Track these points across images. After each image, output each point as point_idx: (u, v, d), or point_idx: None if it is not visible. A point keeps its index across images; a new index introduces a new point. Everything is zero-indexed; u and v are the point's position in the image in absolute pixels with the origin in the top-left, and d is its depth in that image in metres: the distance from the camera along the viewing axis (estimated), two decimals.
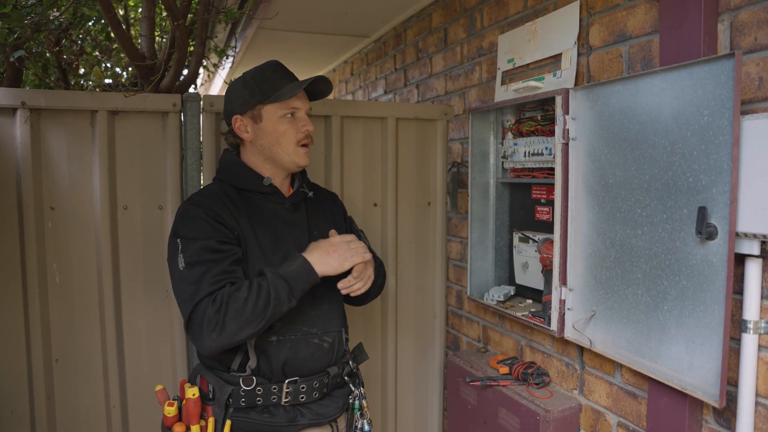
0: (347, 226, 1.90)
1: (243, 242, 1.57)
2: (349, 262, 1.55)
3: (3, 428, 2.03)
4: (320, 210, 1.80)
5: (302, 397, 1.59)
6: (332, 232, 1.66)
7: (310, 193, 1.77)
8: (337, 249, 1.55)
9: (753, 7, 1.32)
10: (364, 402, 1.73)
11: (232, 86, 1.67)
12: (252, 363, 1.55)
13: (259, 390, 1.55)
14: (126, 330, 2.17)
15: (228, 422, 1.52)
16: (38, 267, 2.02)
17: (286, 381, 1.57)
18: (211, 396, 1.57)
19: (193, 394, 1.53)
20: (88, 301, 2.11)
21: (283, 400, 1.57)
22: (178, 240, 1.51)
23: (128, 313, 2.17)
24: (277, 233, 1.63)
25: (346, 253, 1.55)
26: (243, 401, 1.54)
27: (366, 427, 1.72)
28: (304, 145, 1.67)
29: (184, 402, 1.55)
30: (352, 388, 1.72)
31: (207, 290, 1.44)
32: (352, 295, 1.61)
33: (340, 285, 1.58)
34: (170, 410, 1.54)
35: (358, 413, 1.71)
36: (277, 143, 1.63)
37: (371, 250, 1.89)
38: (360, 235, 1.87)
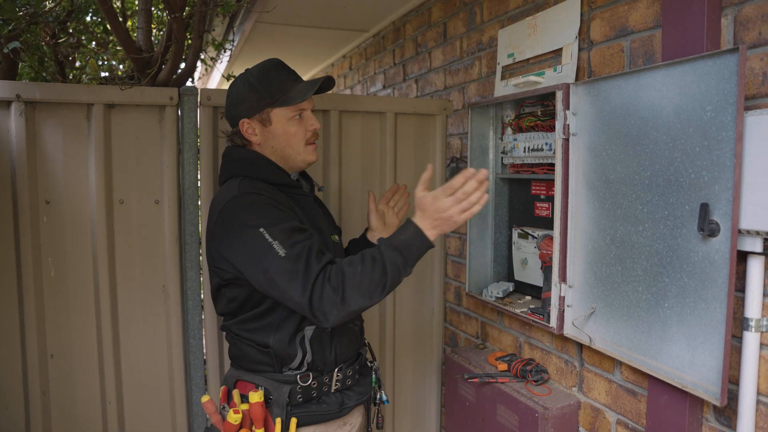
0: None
1: None
2: (462, 216, 1.47)
3: None
4: (320, 204, 1.84)
5: (349, 381, 1.67)
6: (429, 167, 1.58)
7: (321, 188, 1.83)
8: (443, 207, 1.46)
9: (757, 2, 1.30)
10: (379, 373, 1.84)
11: (235, 88, 1.64)
12: (309, 358, 1.58)
13: (314, 384, 1.59)
14: (122, 325, 2.15)
15: (293, 420, 1.54)
16: (33, 261, 2.00)
17: (336, 369, 1.63)
18: (266, 399, 1.56)
19: (260, 398, 1.50)
20: (83, 296, 2.10)
21: (333, 387, 1.63)
22: (261, 230, 1.43)
23: (124, 307, 2.15)
24: (316, 225, 1.65)
25: (452, 210, 1.46)
26: (300, 397, 1.58)
27: (384, 397, 1.82)
28: (311, 143, 1.69)
29: (242, 407, 1.51)
30: (370, 364, 1.80)
31: (323, 262, 1.42)
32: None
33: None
34: (236, 417, 1.47)
35: (376, 386, 1.80)
36: (288, 144, 1.64)
37: None
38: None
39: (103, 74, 3.04)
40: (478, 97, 2.43)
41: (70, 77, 3.05)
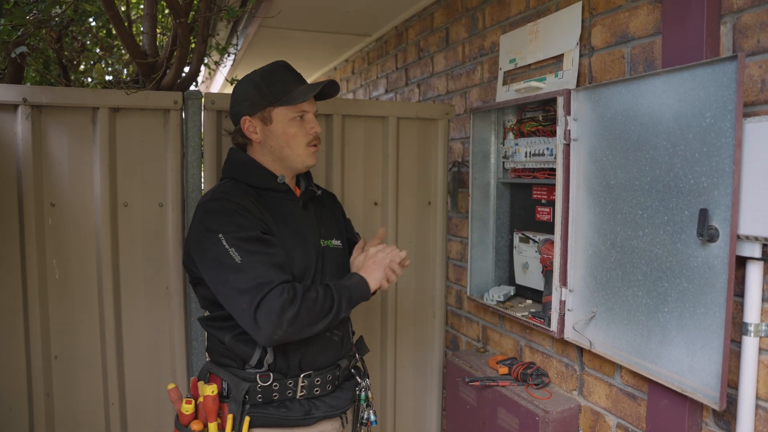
0: (346, 224, 1.93)
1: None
2: (390, 269, 1.64)
3: (1, 425, 2.03)
4: (323, 208, 1.82)
5: (317, 390, 1.61)
6: (361, 243, 1.76)
7: (319, 192, 1.79)
8: (376, 259, 1.65)
9: (756, 10, 1.32)
10: (369, 393, 1.76)
11: (240, 86, 1.67)
12: (269, 358, 1.57)
13: (275, 385, 1.56)
14: (125, 327, 2.17)
15: (247, 418, 1.53)
16: (38, 263, 2.02)
17: (302, 375, 1.59)
18: (225, 393, 1.57)
19: (212, 391, 1.52)
20: (87, 298, 2.11)
21: (299, 393, 1.59)
22: (219, 235, 1.46)
23: (128, 310, 2.17)
24: (295, 230, 1.65)
25: (384, 260, 1.64)
26: (260, 397, 1.56)
27: (372, 417, 1.75)
28: (312, 146, 1.69)
29: (200, 399, 1.55)
30: (359, 380, 1.75)
31: (278, 280, 1.43)
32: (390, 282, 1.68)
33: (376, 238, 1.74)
34: (188, 408, 1.52)
35: (364, 404, 1.74)
36: (287, 145, 1.64)
37: None
38: (358, 238, 1.91)
39: (107, 78, 3.06)
40: (479, 102, 2.45)
41: (73, 79, 3.07)
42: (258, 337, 1.43)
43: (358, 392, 1.74)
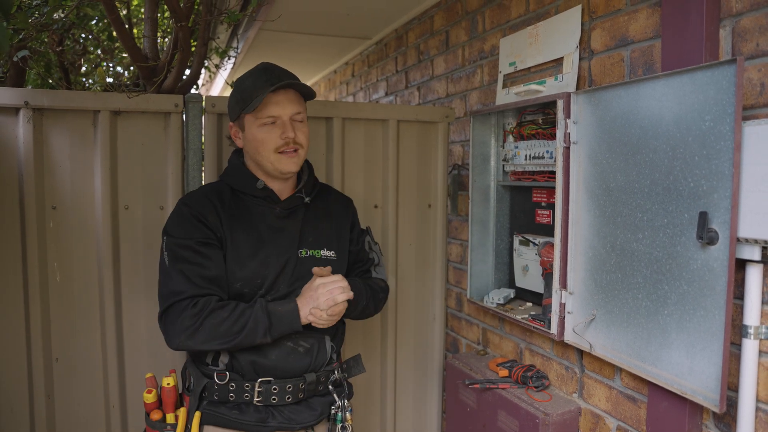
0: (353, 235, 1.86)
1: (224, 243, 1.60)
2: (325, 306, 1.54)
3: (2, 427, 2.03)
4: (323, 215, 1.77)
5: (274, 399, 1.58)
6: (316, 270, 1.61)
7: (307, 199, 1.71)
8: (315, 293, 1.55)
9: (755, 13, 1.32)
10: (348, 415, 1.67)
11: (232, 91, 1.70)
12: (224, 358, 1.59)
13: (231, 386, 1.57)
14: (126, 329, 2.17)
15: (198, 413, 1.57)
16: (39, 266, 2.03)
17: (258, 380, 1.57)
18: (190, 387, 1.64)
19: (168, 384, 1.61)
20: (88, 301, 2.12)
21: (255, 399, 1.57)
22: (165, 237, 1.59)
23: (128, 312, 2.17)
24: (261, 237, 1.63)
25: (322, 297, 1.54)
26: (216, 395, 1.58)
27: None
28: (290, 151, 1.62)
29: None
30: (336, 399, 1.67)
31: (190, 293, 1.50)
32: (315, 326, 1.59)
33: (314, 270, 1.63)
34: (148, 397, 1.62)
35: (339, 425, 1.66)
36: (257, 151, 1.63)
37: (378, 267, 1.91)
38: (368, 247, 1.89)
39: (108, 80, 3.06)
40: (479, 105, 2.45)
41: (73, 82, 3.07)
42: (166, 341, 1.53)
43: (333, 412, 1.67)
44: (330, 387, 1.68)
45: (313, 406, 1.65)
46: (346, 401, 1.68)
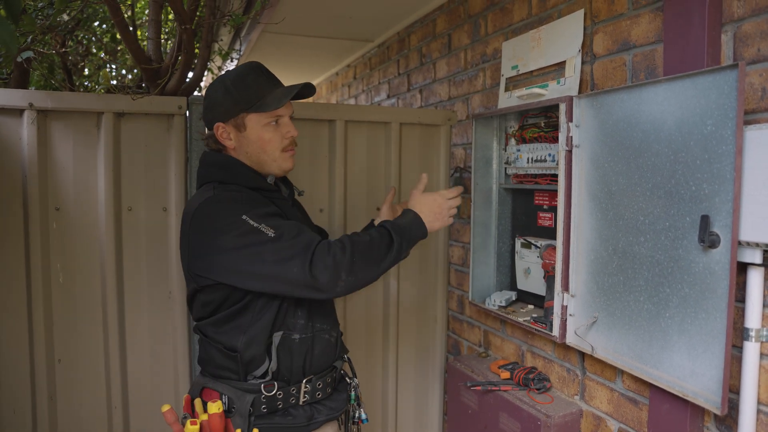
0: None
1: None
2: (449, 218, 1.69)
3: (5, 427, 2.03)
4: (299, 206, 1.84)
5: (319, 394, 1.61)
6: (424, 175, 1.77)
7: (301, 192, 1.80)
8: (441, 206, 1.67)
9: (756, 19, 1.33)
10: (359, 391, 1.77)
11: (212, 91, 1.62)
12: (273, 366, 1.54)
13: (279, 394, 1.54)
14: (128, 331, 2.18)
15: (255, 431, 1.49)
16: (42, 267, 2.03)
17: (304, 380, 1.58)
18: (226, 408, 1.51)
19: (218, 408, 1.45)
20: (91, 302, 2.12)
21: (302, 399, 1.58)
22: (243, 217, 1.43)
23: (131, 313, 2.18)
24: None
25: (446, 210, 1.68)
26: (264, 408, 1.52)
27: (363, 415, 1.76)
28: (292, 149, 1.66)
29: (202, 417, 1.46)
30: (348, 380, 1.76)
31: (318, 238, 1.46)
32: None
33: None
34: (194, 429, 1.42)
35: (355, 403, 1.74)
36: (263, 151, 1.61)
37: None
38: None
39: (112, 82, 3.08)
40: (482, 108, 2.46)
41: (77, 84, 3.09)
42: (321, 294, 1.43)
43: (350, 392, 1.75)
44: (342, 371, 1.77)
45: (341, 391, 1.72)
46: (355, 379, 1.78)
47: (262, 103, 1.57)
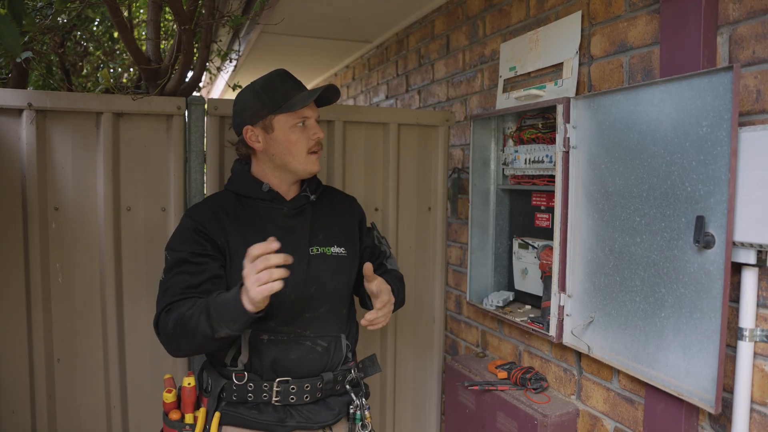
0: (362, 232, 1.86)
1: (228, 252, 1.59)
2: (258, 289, 1.27)
3: (4, 427, 2.04)
4: (330, 213, 1.78)
5: (292, 398, 1.60)
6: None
7: (312, 197, 1.74)
8: (248, 275, 1.30)
9: (751, 21, 1.35)
10: (366, 413, 1.69)
11: (242, 96, 1.69)
12: (243, 358, 1.59)
13: (250, 386, 1.58)
14: (127, 330, 2.18)
15: (217, 414, 1.59)
16: (41, 267, 2.04)
17: (277, 380, 1.58)
18: (208, 389, 1.64)
19: (188, 383, 1.62)
20: (90, 301, 2.13)
21: (274, 399, 1.59)
22: (166, 251, 1.62)
23: (130, 313, 2.18)
24: (266, 237, 1.60)
25: (252, 276, 1.29)
26: (235, 396, 1.59)
27: None
28: (317, 151, 1.69)
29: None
30: (353, 398, 1.69)
31: (167, 301, 1.53)
32: (371, 329, 1.56)
33: (363, 322, 1.54)
34: (168, 396, 1.63)
35: (359, 424, 1.68)
36: (288, 152, 1.65)
37: (390, 259, 1.92)
38: (377, 241, 1.90)
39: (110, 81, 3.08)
40: (480, 109, 2.47)
41: (76, 84, 3.09)
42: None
43: (352, 411, 1.68)
44: (347, 386, 1.70)
45: (330, 405, 1.66)
46: (363, 400, 1.71)
47: (289, 104, 1.62)
